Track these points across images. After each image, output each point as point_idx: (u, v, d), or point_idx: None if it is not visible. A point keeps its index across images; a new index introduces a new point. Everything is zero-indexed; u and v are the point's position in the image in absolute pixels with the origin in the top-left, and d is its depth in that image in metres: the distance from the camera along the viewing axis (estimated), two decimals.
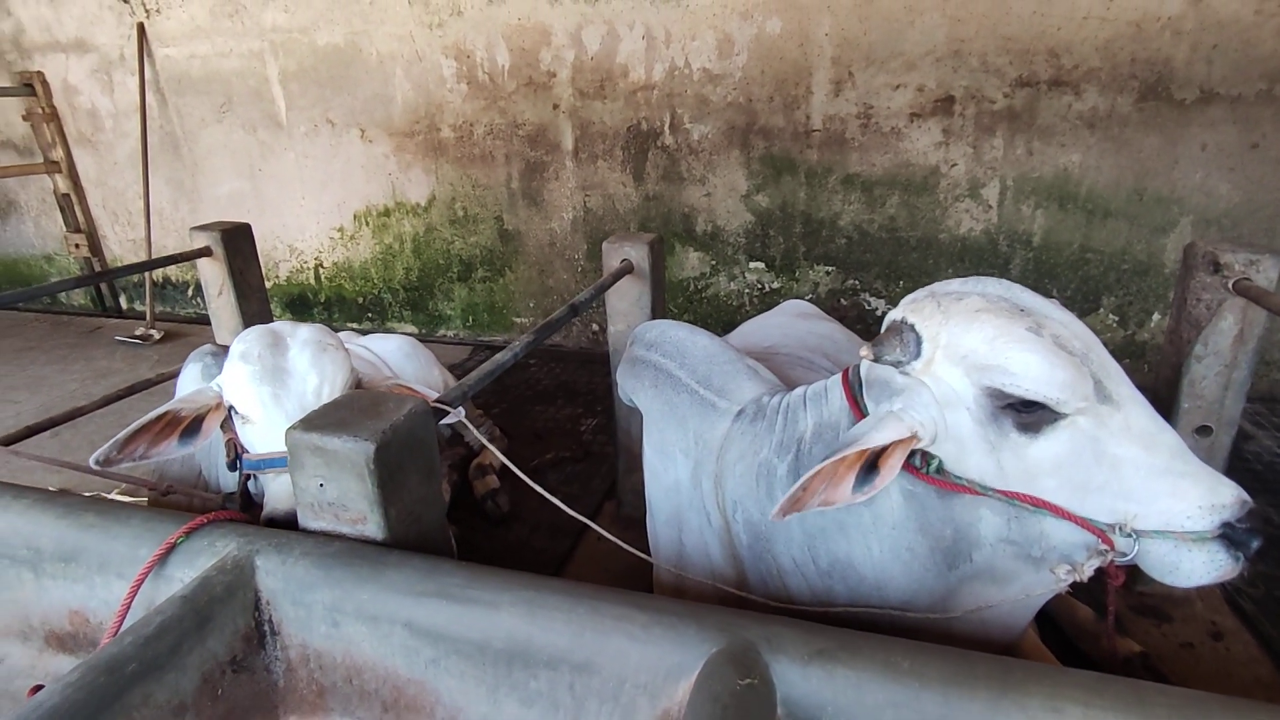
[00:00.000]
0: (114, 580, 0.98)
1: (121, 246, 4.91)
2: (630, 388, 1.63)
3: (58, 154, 4.67)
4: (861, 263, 3.65)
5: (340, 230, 4.41)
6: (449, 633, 0.83)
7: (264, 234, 4.23)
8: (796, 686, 0.71)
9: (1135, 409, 1.05)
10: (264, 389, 1.45)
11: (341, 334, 2.18)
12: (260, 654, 0.90)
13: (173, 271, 4.89)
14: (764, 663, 0.72)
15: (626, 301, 2.19)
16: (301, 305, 4.66)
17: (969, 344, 1.06)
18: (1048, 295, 1.15)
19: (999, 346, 1.04)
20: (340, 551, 0.92)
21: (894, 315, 1.18)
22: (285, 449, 1.41)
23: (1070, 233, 3.26)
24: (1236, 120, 2.95)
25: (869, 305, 3.70)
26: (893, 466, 1.05)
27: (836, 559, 1.25)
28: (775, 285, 3.84)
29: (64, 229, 4.90)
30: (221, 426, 1.54)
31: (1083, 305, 3.38)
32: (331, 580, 0.88)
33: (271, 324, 1.59)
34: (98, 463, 1.35)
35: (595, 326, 4.18)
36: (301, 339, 1.54)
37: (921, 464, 1.12)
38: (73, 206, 4.82)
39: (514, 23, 3.68)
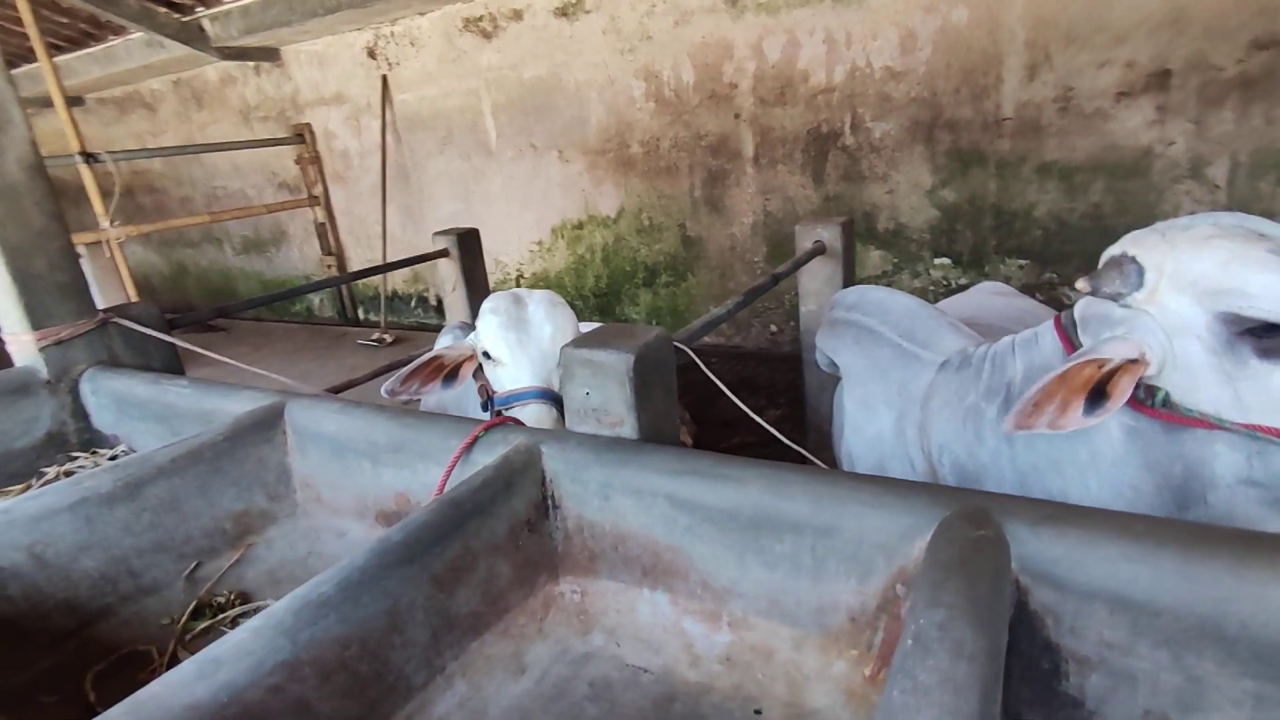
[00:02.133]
0: (431, 466, 1.25)
1: (361, 265, 5.77)
2: (831, 347, 1.73)
3: (318, 190, 5.62)
4: (1061, 254, 3.45)
5: (539, 243, 4.88)
6: (704, 503, 0.99)
7: None
8: (1028, 544, 0.79)
9: None
10: (510, 335, 1.72)
11: None
12: (545, 522, 1.12)
13: (400, 286, 5.67)
14: (996, 522, 0.80)
15: (818, 281, 2.30)
16: None
17: (1199, 269, 1.06)
18: None
19: (1234, 270, 1.03)
20: (606, 442, 1.12)
21: (1112, 251, 1.20)
22: (528, 385, 1.68)
23: None
24: None
25: (1069, 299, 3.48)
26: (1124, 390, 1.06)
27: (1050, 497, 1.26)
28: (963, 281, 3.72)
29: (320, 253, 5.86)
30: (474, 375, 1.85)
31: None
32: (602, 462, 1.08)
33: (513, 289, 1.88)
34: (387, 392, 1.71)
35: (773, 328, 4.28)
36: (537, 298, 1.81)
37: (1146, 397, 1.12)
38: (327, 234, 5.76)
39: (698, 41, 3.94)
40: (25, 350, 1.81)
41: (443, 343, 2.35)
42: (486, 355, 1.77)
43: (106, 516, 1.19)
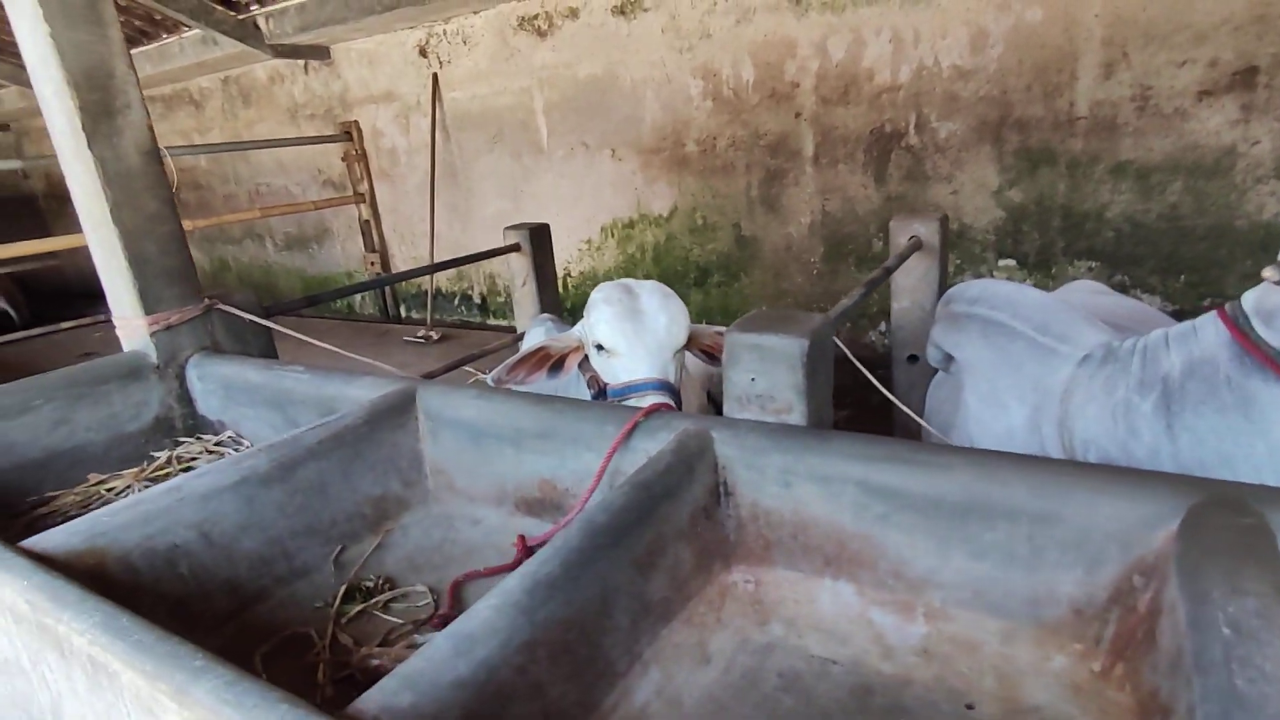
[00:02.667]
0: (584, 452, 1.23)
1: (405, 263, 5.79)
2: (952, 342, 1.70)
3: (364, 187, 5.64)
4: (1134, 256, 3.39)
5: (588, 242, 4.87)
6: (902, 490, 0.96)
7: None
8: None
9: None
10: (626, 325, 1.69)
11: None
12: (718, 509, 1.09)
13: (444, 284, 5.67)
14: (1258, 510, 0.77)
15: (913, 278, 2.26)
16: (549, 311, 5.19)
17: None
18: None
19: None
20: (784, 429, 1.09)
21: None
22: (646, 376, 1.65)
23: None
24: None
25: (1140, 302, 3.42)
26: None
27: None
28: (1028, 283, 3.67)
29: (363, 250, 5.88)
30: (579, 366, 1.83)
31: None
32: (782, 448, 1.05)
33: (620, 280, 1.86)
34: (494, 380, 1.69)
35: None
36: (648, 288, 1.79)
37: None
38: (371, 231, 5.78)
39: (760, 39, 3.92)
40: (136, 334, 1.80)
41: (533, 335, 2.33)
42: (600, 347, 1.74)
43: (264, 497, 1.17)
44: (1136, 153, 3.25)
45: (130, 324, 1.79)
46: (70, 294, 8.02)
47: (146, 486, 1.61)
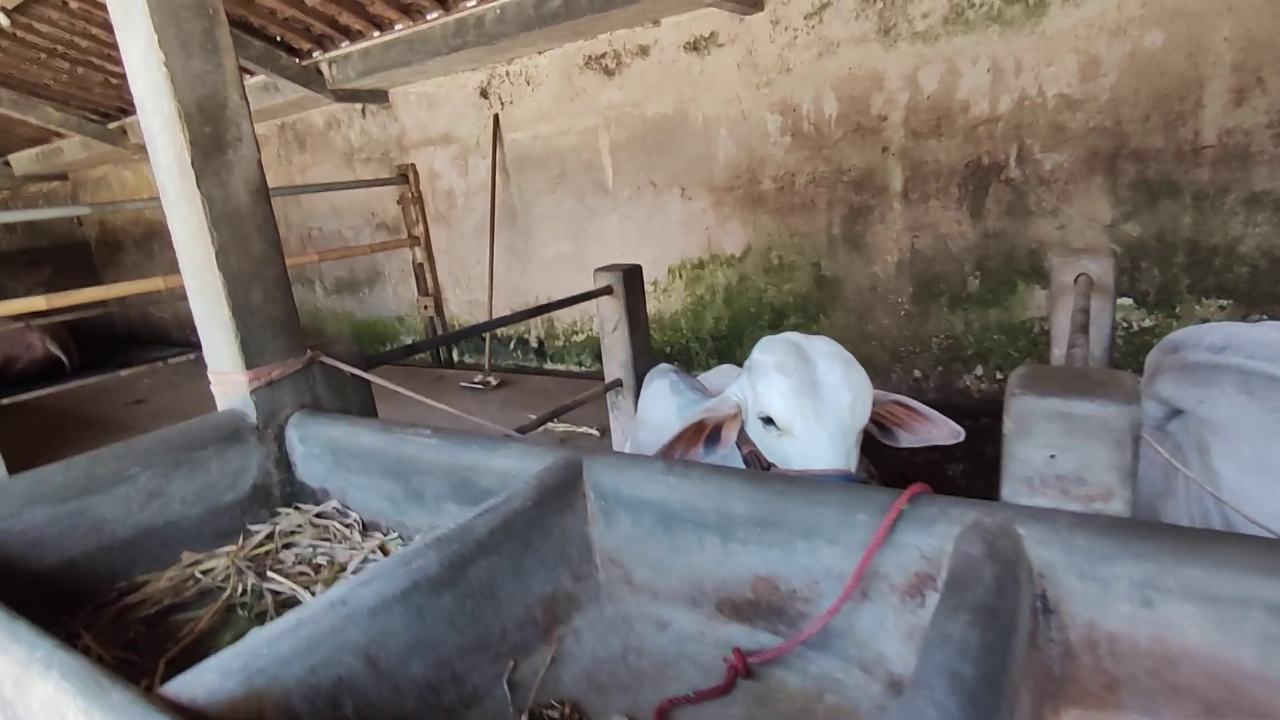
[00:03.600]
0: (822, 545, 0.98)
1: (459, 307, 5.64)
2: (1193, 397, 1.44)
3: (418, 230, 5.53)
4: (1273, 294, 3.11)
5: (654, 284, 4.68)
6: None
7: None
8: None
9: None
10: (805, 402, 1.43)
11: None
12: (1037, 632, 0.84)
13: (500, 329, 5.50)
14: None
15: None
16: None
17: None
18: None
19: None
20: (1129, 525, 0.83)
21: None
22: (827, 466, 1.39)
23: None
24: None
25: None
26: None
27: None
28: (1146, 323, 3.39)
29: (416, 293, 5.75)
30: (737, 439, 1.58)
31: None
32: (1135, 552, 0.79)
33: (784, 335, 1.61)
34: None
35: (917, 373, 3.97)
36: (825, 353, 1.52)
37: None
38: (424, 274, 5.65)
39: (844, 73, 3.75)
40: (234, 391, 1.60)
41: (655, 388, 2.10)
42: (768, 421, 1.48)
43: (434, 607, 0.93)
44: (1274, 182, 3.00)
45: (229, 380, 1.59)
46: (117, 340, 8.00)
47: (244, 568, 1.38)
